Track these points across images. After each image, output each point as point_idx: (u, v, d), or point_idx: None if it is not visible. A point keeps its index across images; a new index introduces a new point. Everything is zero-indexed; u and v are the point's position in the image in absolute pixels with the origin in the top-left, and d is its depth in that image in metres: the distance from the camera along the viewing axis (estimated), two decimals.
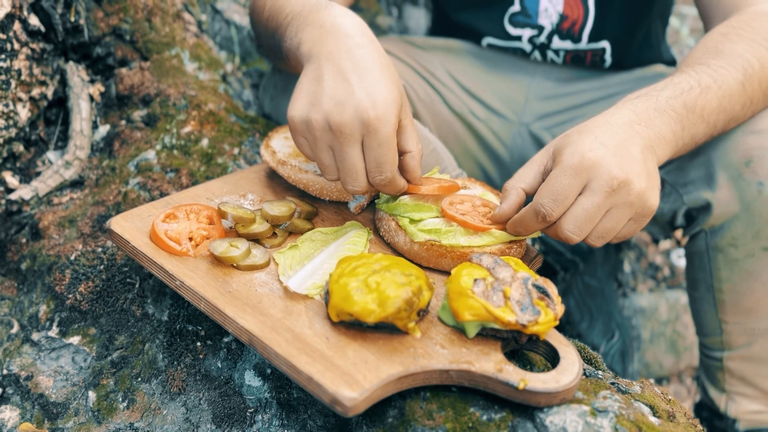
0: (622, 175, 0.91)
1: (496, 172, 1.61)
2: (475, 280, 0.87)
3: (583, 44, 1.48)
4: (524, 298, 0.86)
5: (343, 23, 0.98)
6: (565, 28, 1.47)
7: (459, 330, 0.89)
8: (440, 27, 1.72)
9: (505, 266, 0.90)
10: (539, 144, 1.53)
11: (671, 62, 1.62)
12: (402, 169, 1.02)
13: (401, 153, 1.01)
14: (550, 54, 1.52)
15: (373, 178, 0.96)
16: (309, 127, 0.94)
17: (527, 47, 1.52)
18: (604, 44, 1.48)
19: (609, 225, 0.94)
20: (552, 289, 0.90)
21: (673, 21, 3.31)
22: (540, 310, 0.85)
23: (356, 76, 0.93)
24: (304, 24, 1.02)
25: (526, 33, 1.50)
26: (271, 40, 1.16)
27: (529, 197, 1.02)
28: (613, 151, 0.93)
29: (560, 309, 0.88)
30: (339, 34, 0.97)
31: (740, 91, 1.06)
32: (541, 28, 1.49)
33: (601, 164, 0.92)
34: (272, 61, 1.39)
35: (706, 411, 1.45)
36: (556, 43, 1.49)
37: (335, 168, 0.97)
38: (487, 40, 1.56)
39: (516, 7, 1.49)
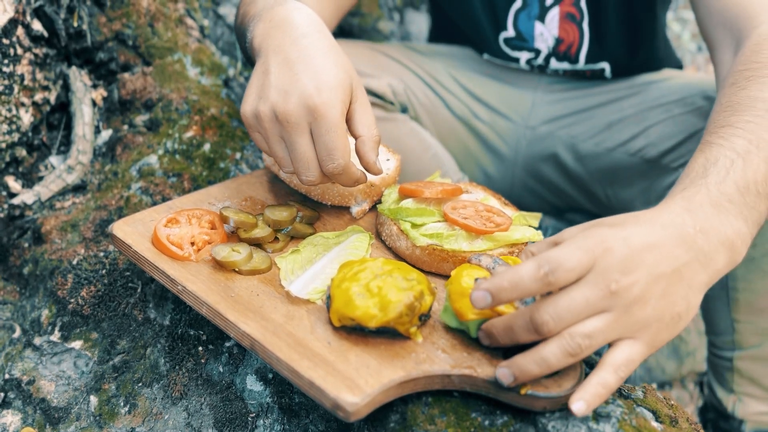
0: (628, 280, 0.75)
1: (498, 174, 1.61)
2: (476, 279, 0.85)
3: (581, 65, 1.49)
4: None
5: (291, 16, 0.99)
6: (562, 51, 1.47)
7: (461, 333, 0.89)
8: (439, 35, 1.72)
9: (504, 266, 0.89)
10: (545, 145, 1.53)
11: (678, 66, 1.61)
12: (357, 156, 1.00)
13: (354, 139, 1.00)
14: (549, 72, 1.53)
15: (326, 166, 0.94)
16: (259, 120, 0.94)
17: (525, 67, 1.53)
18: (603, 65, 1.48)
19: (595, 326, 0.76)
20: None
21: (675, 26, 3.31)
22: None
23: (301, 64, 0.93)
24: (258, 21, 1.03)
25: (524, 55, 1.51)
26: (243, 43, 1.17)
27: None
28: (636, 253, 0.76)
29: None
30: (286, 26, 0.98)
31: None
32: (537, 52, 1.49)
33: (606, 258, 0.76)
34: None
35: (712, 412, 1.45)
36: (554, 64, 1.50)
37: (289, 160, 0.96)
38: (486, 57, 1.57)
39: (510, 33, 1.49)
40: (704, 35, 1.15)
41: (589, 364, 1.06)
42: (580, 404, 0.76)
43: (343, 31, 2.15)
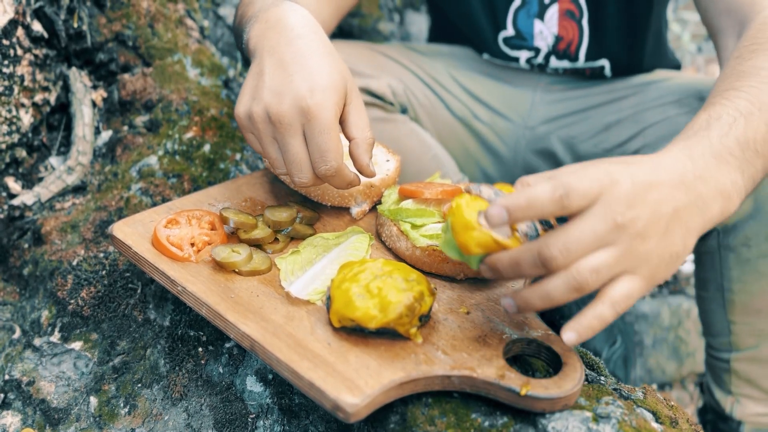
0: (632, 214, 0.77)
1: (498, 174, 1.61)
2: (479, 212, 0.83)
3: (581, 63, 1.49)
4: (531, 230, 0.84)
5: (287, 17, 0.99)
6: (562, 49, 1.47)
7: (460, 333, 0.89)
8: (439, 35, 1.72)
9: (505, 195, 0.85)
10: (544, 146, 1.53)
11: (676, 66, 1.62)
12: (351, 158, 1.00)
13: (348, 141, 1.00)
14: (549, 71, 1.53)
15: (318, 168, 0.94)
16: (252, 122, 0.95)
17: (525, 66, 1.53)
18: (603, 62, 1.48)
19: (602, 260, 0.77)
20: (555, 223, 0.87)
21: (675, 27, 3.31)
22: None
23: (295, 65, 0.93)
24: (254, 21, 1.03)
25: (523, 55, 1.51)
26: (240, 44, 1.17)
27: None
28: (640, 189, 0.78)
29: None
30: (281, 27, 0.98)
31: None
32: (537, 50, 1.49)
33: (613, 190, 0.77)
34: None
35: (710, 413, 1.45)
36: (554, 62, 1.50)
37: (282, 161, 0.96)
38: (486, 57, 1.57)
39: (509, 32, 1.49)
40: (707, 22, 1.18)
41: (589, 365, 1.06)
42: (570, 334, 0.78)
43: (343, 31, 2.15)
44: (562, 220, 0.82)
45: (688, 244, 0.82)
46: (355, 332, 0.88)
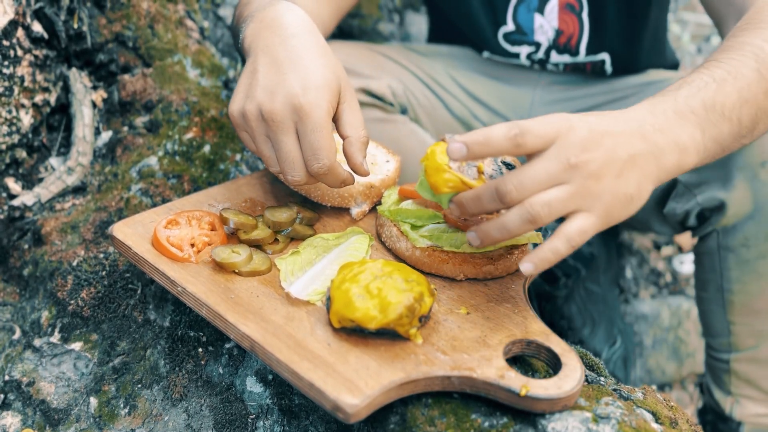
0: (587, 156, 0.82)
1: None
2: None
3: (582, 57, 1.48)
4: (496, 173, 0.93)
5: (282, 16, 1.00)
6: (562, 43, 1.47)
7: (460, 334, 0.89)
8: (438, 36, 1.72)
9: None
10: None
11: (675, 66, 1.62)
12: (345, 156, 1.01)
13: (342, 140, 1.00)
14: (550, 67, 1.53)
15: (311, 166, 0.94)
16: (246, 120, 0.95)
17: (526, 62, 1.53)
18: (604, 56, 1.48)
19: (554, 195, 0.82)
20: (519, 166, 0.95)
21: (675, 27, 3.31)
22: None
23: (289, 64, 0.94)
24: (250, 21, 1.03)
25: (524, 50, 1.50)
26: (236, 44, 1.18)
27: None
28: (597, 135, 0.84)
29: None
30: (275, 26, 0.99)
31: (757, 77, 0.96)
32: (538, 45, 1.49)
33: (569, 135, 0.83)
34: None
35: (710, 414, 1.45)
36: (555, 57, 1.50)
37: (275, 159, 0.97)
38: (486, 54, 1.57)
39: (510, 27, 1.49)
40: (710, 12, 1.20)
41: (589, 366, 1.06)
42: (527, 265, 0.84)
43: (343, 32, 2.16)
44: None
45: (644, 188, 0.87)
46: (355, 333, 0.88)
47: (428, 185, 0.93)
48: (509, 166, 0.95)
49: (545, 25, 1.46)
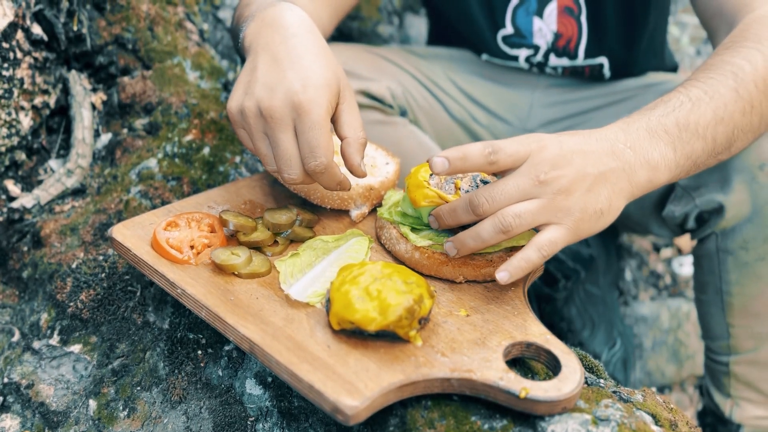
0: (556, 173, 0.88)
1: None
2: (431, 174, 1.02)
3: (580, 61, 1.49)
4: (472, 188, 1.00)
5: (282, 16, 1.00)
6: (561, 46, 1.47)
7: (459, 335, 0.89)
8: (438, 38, 1.73)
9: None
10: None
11: (674, 69, 1.62)
12: (342, 157, 1.01)
13: (340, 140, 1.01)
14: (548, 70, 1.53)
15: (308, 164, 0.94)
16: (244, 116, 0.95)
17: (524, 65, 1.53)
18: (602, 60, 1.48)
19: (524, 207, 0.88)
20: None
21: (674, 30, 3.31)
22: None
23: (289, 62, 0.94)
24: (250, 20, 1.04)
25: (523, 53, 1.51)
26: (236, 44, 1.18)
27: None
28: (567, 153, 0.89)
29: None
30: (276, 25, 0.99)
31: (734, 97, 0.99)
32: (536, 48, 1.49)
33: (541, 153, 0.89)
34: None
35: (710, 417, 1.45)
36: (553, 60, 1.50)
37: (272, 157, 0.97)
38: (485, 57, 1.57)
39: (509, 30, 1.49)
40: (704, 24, 1.23)
41: (588, 368, 1.06)
42: (503, 274, 0.89)
43: (342, 34, 2.16)
44: None
45: (615, 204, 0.92)
46: (354, 335, 0.88)
47: (410, 200, 1.02)
48: (485, 182, 1.02)
49: (544, 28, 1.46)
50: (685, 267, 2.28)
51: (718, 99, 0.98)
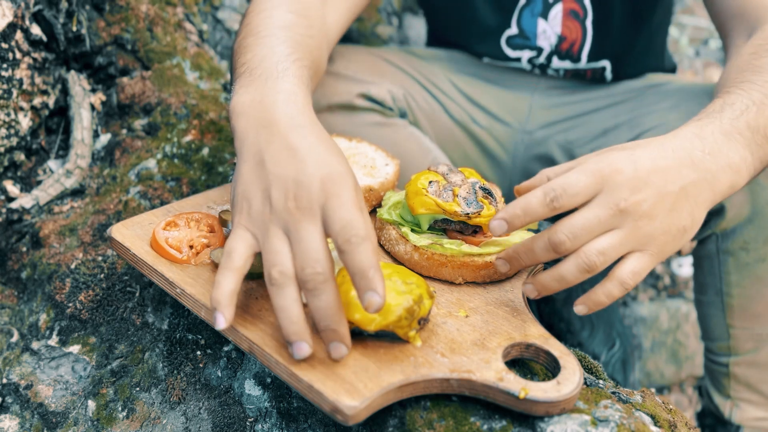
0: (636, 198, 0.83)
1: (496, 179, 1.61)
2: (430, 182, 1.02)
3: (583, 64, 1.49)
4: (470, 196, 1.01)
5: (278, 113, 0.89)
6: (564, 49, 1.47)
7: (459, 336, 0.89)
8: (437, 41, 1.73)
9: (457, 173, 1.05)
10: (542, 150, 1.54)
11: (672, 70, 1.62)
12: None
13: None
14: (550, 72, 1.53)
15: (342, 245, 0.79)
16: (266, 211, 0.82)
17: (527, 67, 1.53)
18: (604, 63, 1.48)
19: (608, 242, 0.83)
20: (497, 191, 1.08)
21: (673, 31, 3.32)
22: (483, 206, 1.00)
23: (304, 153, 0.83)
24: (248, 84, 0.94)
25: (525, 54, 1.51)
26: (232, 72, 1.08)
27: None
28: (643, 174, 0.84)
29: (502, 207, 1.03)
30: (272, 127, 0.88)
31: None
32: (540, 50, 1.49)
33: (615, 177, 0.83)
34: None
35: (709, 418, 1.45)
36: (556, 63, 1.50)
37: (287, 259, 0.80)
38: (486, 60, 1.57)
39: (513, 30, 1.49)
40: (718, 24, 1.21)
41: (587, 369, 1.06)
42: (581, 307, 0.88)
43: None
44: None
45: (697, 217, 0.87)
46: (354, 335, 0.88)
47: (408, 207, 1.03)
48: (485, 190, 1.03)
49: (548, 31, 1.46)
50: (685, 268, 2.28)
51: None
